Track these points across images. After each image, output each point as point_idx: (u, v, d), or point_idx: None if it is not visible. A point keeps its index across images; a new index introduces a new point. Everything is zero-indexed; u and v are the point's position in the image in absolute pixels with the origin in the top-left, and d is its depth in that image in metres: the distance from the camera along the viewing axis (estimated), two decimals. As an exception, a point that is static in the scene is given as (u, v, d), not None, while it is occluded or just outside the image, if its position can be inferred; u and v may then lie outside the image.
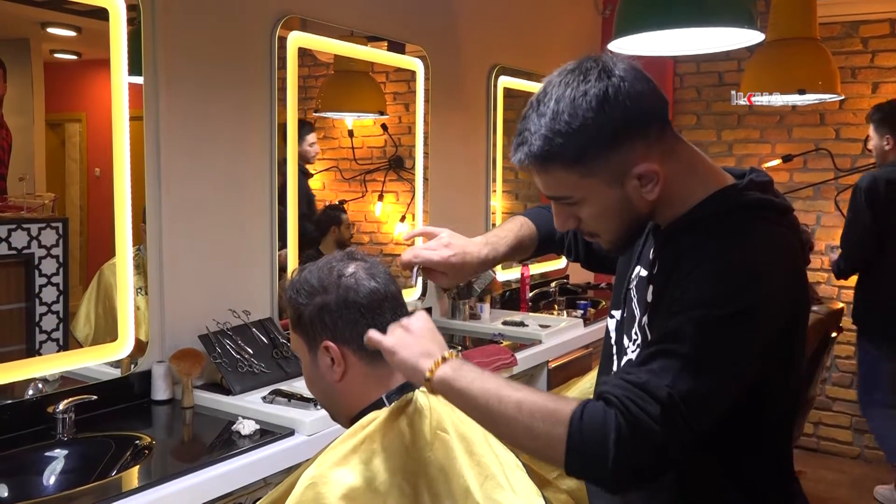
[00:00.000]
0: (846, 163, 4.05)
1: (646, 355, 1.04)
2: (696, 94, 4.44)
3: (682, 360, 0.99)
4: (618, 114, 1.01)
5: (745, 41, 2.20)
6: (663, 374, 0.99)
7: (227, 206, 2.35)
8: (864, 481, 3.86)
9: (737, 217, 1.08)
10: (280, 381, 2.21)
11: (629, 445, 0.97)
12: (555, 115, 1.02)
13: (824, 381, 4.10)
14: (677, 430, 0.98)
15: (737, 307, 1.00)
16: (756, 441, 1.12)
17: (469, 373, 1.07)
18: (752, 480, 1.13)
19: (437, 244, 1.34)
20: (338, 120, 2.95)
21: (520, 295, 3.66)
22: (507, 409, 1.02)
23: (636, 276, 1.22)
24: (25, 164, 1.92)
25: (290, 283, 1.25)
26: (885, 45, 3.92)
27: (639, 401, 0.98)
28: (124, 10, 2.00)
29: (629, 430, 0.97)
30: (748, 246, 1.05)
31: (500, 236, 1.41)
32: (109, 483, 1.64)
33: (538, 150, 1.04)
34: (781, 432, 1.17)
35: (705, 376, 1.00)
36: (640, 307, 1.19)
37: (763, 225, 1.08)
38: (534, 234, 1.46)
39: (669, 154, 1.08)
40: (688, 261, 1.06)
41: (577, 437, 0.98)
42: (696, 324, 1.00)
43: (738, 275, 1.02)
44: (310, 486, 1.09)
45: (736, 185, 1.11)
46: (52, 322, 1.93)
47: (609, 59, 1.05)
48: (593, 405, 1.00)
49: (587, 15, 4.18)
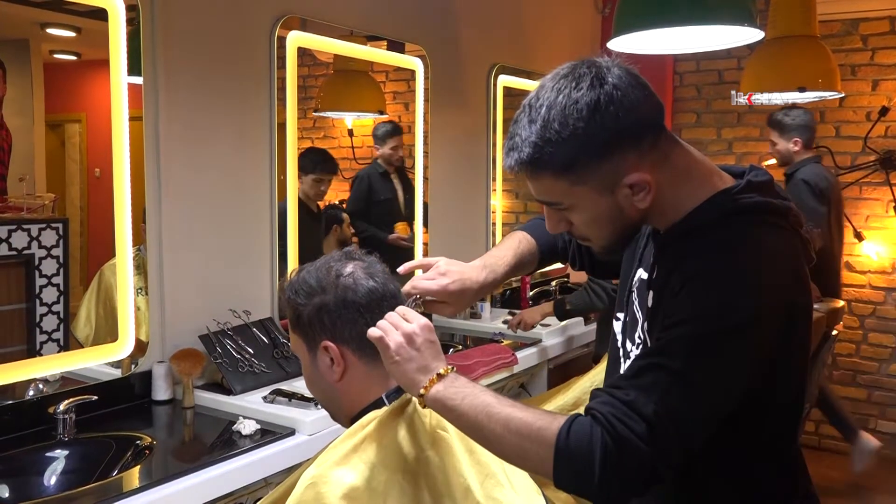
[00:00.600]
0: (846, 160, 4.04)
1: (637, 368, 1.02)
2: (695, 92, 4.43)
3: (671, 377, 0.98)
4: (609, 124, 0.99)
5: (745, 39, 2.19)
6: (652, 391, 0.98)
7: (227, 206, 2.35)
8: (866, 479, 3.85)
9: (732, 223, 1.05)
10: (280, 380, 2.21)
11: (615, 463, 0.96)
12: (545, 123, 1.00)
13: (825, 378, 4.09)
14: (665, 449, 0.97)
15: (728, 323, 0.99)
16: (761, 446, 1.10)
17: (462, 389, 1.07)
18: (757, 486, 1.11)
19: (433, 273, 1.30)
20: (337, 119, 2.95)
21: (520, 294, 3.66)
22: (496, 427, 1.03)
23: (637, 279, 1.20)
24: (25, 164, 1.92)
25: (288, 284, 1.25)
26: (884, 43, 3.92)
27: (625, 419, 0.97)
28: (123, 11, 2.00)
29: (615, 448, 0.96)
30: (741, 257, 1.03)
31: (498, 256, 1.37)
32: (110, 483, 1.65)
33: (528, 158, 1.02)
34: (788, 433, 1.14)
35: (695, 394, 0.98)
36: (641, 311, 1.17)
37: (759, 231, 1.05)
38: (534, 249, 1.42)
39: (664, 161, 1.06)
40: (681, 271, 1.04)
41: (563, 454, 0.98)
42: (688, 339, 0.99)
43: (730, 289, 1.00)
44: (310, 486, 1.09)
45: (732, 189, 1.08)
46: (53, 322, 1.93)
47: (604, 64, 1.03)
48: (580, 422, 1.00)
49: (587, 13, 4.18)
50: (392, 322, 1.13)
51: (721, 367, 0.99)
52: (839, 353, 4.12)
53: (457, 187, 3.41)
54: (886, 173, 3.93)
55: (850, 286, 4.09)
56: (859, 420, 4.08)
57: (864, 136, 3.96)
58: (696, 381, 0.98)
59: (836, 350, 4.06)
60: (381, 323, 1.14)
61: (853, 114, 4.02)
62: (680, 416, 0.98)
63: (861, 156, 4.00)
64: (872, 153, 3.96)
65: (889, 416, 4.04)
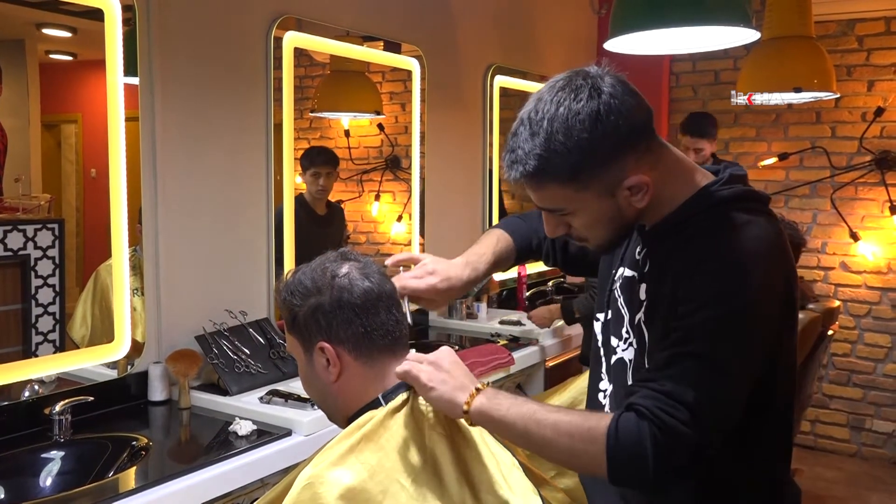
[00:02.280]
0: (842, 161, 4.05)
1: (664, 359, 1.09)
2: (692, 92, 4.44)
3: (700, 362, 1.05)
4: (610, 132, 1.06)
5: (741, 40, 2.20)
6: (685, 378, 1.05)
7: (223, 206, 2.35)
8: (861, 479, 3.86)
9: (724, 211, 1.13)
10: (277, 381, 2.21)
11: (666, 452, 1.03)
12: (549, 135, 1.06)
13: (821, 378, 4.10)
14: (707, 430, 1.05)
15: (743, 301, 1.06)
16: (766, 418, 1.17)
17: (504, 400, 1.13)
18: (758, 464, 1.18)
19: (421, 272, 1.35)
20: (334, 120, 2.95)
21: (517, 294, 3.66)
22: (546, 432, 1.09)
23: (620, 277, 1.26)
24: (21, 165, 1.92)
25: (284, 285, 1.25)
26: (880, 44, 3.93)
27: (669, 409, 1.04)
28: (119, 11, 2.00)
29: (664, 439, 1.03)
30: (741, 239, 1.10)
31: (479, 254, 1.43)
32: (106, 484, 1.64)
33: (534, 170, 1.08)
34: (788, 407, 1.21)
35: (726, 373, 1.06)
36: (628, 307, 1.23)
37: (749, 216, 1.13)
38: (511, 246, 1.49)
39: (656, 162, 1.13)
40: (684, 260, 1.11)
41: (616, 452, 1.04)
42: (709, 323, 1.06)
43: (739, 268, 1.08)
44: (307, 487, 1.09)
45: (717, 182, 1.16)
46: (49, 323, 1.93)
47: (596, 73, 1.09)
48: (626, 419, 1.06)
49: (583, 14, 4.18)
50: (412, 358, 1.19)
51: (742, 342, 1.07)
52: (835, 353, 4.12)
53: (453, 187, 3.41)
54: (882, 173, 3.93)
55: (846, 286, 4.10)
56: (855, 420, 4.10)
57: (860, 137, 3.96)
58: (725, 361, 1.06)
59: (832, 350, 4.07)
60: (403, 362, 1.19)
61: (849, 114, 4.03)
62: (716, 397, 1.05)
63: (857, 156, 4.01)
64: (868, 153, 3.96)
65: (884, 416, 4.04)
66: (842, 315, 4.01)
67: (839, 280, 4.11)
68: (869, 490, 3.74)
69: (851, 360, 4.12)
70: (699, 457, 1.06)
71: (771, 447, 1.20)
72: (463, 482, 1.15)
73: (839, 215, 4.05)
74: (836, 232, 4.09)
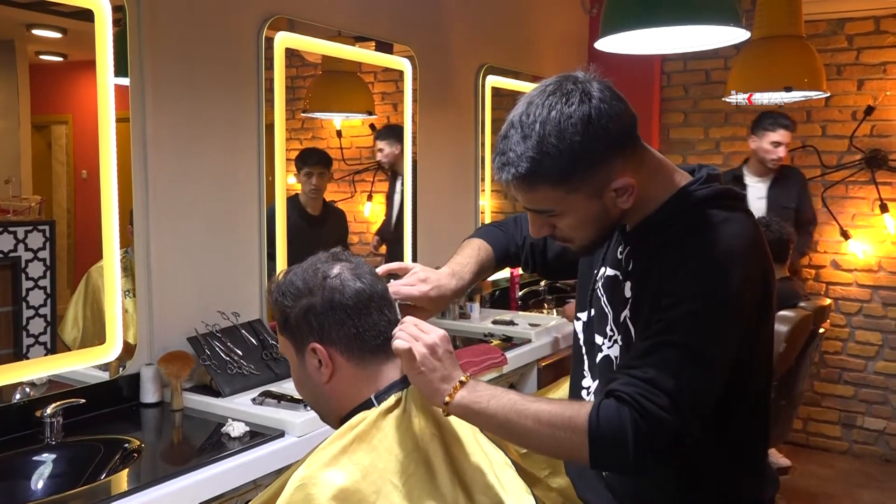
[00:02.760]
0: (832, 159, 4.07)
1: (645, 348, 1.12)
2: (683, 91, 4.45)
3: (681, 351, 1.09)
4: (601, 135, 1.09)
5: (731, 39, 2.21)
6: (666, 366, 1.08)
7: (214, 207, 2.34)
8: (853, 476, 3.88)
9: (705, 209, 1.18)
10: (269, 382, 2.20)
11: (647, 437, 1.06)
12: (541, 138, 1.09)
13: (812, 376, 4.12)
14: (686, 416, 1.08)
15: (724, 295, 1.11)
16: (743, 405, 1.21)
17: (485, 392, 1.14)
18: (737, 441, 1.23)
19: (414, 280, 1.36)
20: (326, 120, 2.95)
21: (509, 294, 3.67)
22: (527, 422, 1.11)
23: (602, 277, 1.30)
24: (11, 166, 1.91)
25: (275, 286, 1.24)
26: (869, 43, 3.95)
27: (649, 395, 1.07)
28: (110, 12, 1.99)
29: (645, 424, 1.06)
30: (722, 236, 1.15)
31: (462, 264, 1.45)
32: (98, 487, 1.64)
33: (526, 172, 1.10)
34: (763, 394, 1.27)
35: (706, 363, 1.10)
36: (612, 305, 1.27)
37: (728, 214, 1.18)
38: (491, 255, 1.51)
39: (640, 164, 1.17)
40: (669, 257, 1.15)
41: (598, 437, 1.07)
42: (692, 315, 1.10)
43: (720, 264, 1.12)
44: (300, 488, 1.09)
45: (696, 181, 1.21)
46: (40, 326, 1.92)
47: (585, 79, 1.12)
48: (606, 405, 1.09)
49: (574, 14, 4.18)
50: (412, 333, 1.17)
51: (722, 333, 1.12)
52: (826, 351, 4.14)
53: (445, 187, 3.41)
54: (872, 172, 3.96)
55: (837, 284, 4.12)
56: (846, 417, 4.12)
57: (850, 136, 3.99)
58: (704, 351, 1.10)
59: (823, 348, 4.09)
60: (401, 334, 1.17)
61: (839, 113, 4.05)
62: (696, 385, 1.09)
63: (847, 155, 4.03)
64: (858, 152, 3.99)
65: (875, 414, 4.07)
66: (833, 313, 4.03)
67: (830, 278, 4.14)
68: (861, 487, 3.76)
69: (843, 357, 4.14)
70: (679, 442, 1.09)
71: (748, 433, 1.25)
72: (456, 482, 1.16)
73: (830, 214, 4.07)
74: (826, 230, 4.11)
